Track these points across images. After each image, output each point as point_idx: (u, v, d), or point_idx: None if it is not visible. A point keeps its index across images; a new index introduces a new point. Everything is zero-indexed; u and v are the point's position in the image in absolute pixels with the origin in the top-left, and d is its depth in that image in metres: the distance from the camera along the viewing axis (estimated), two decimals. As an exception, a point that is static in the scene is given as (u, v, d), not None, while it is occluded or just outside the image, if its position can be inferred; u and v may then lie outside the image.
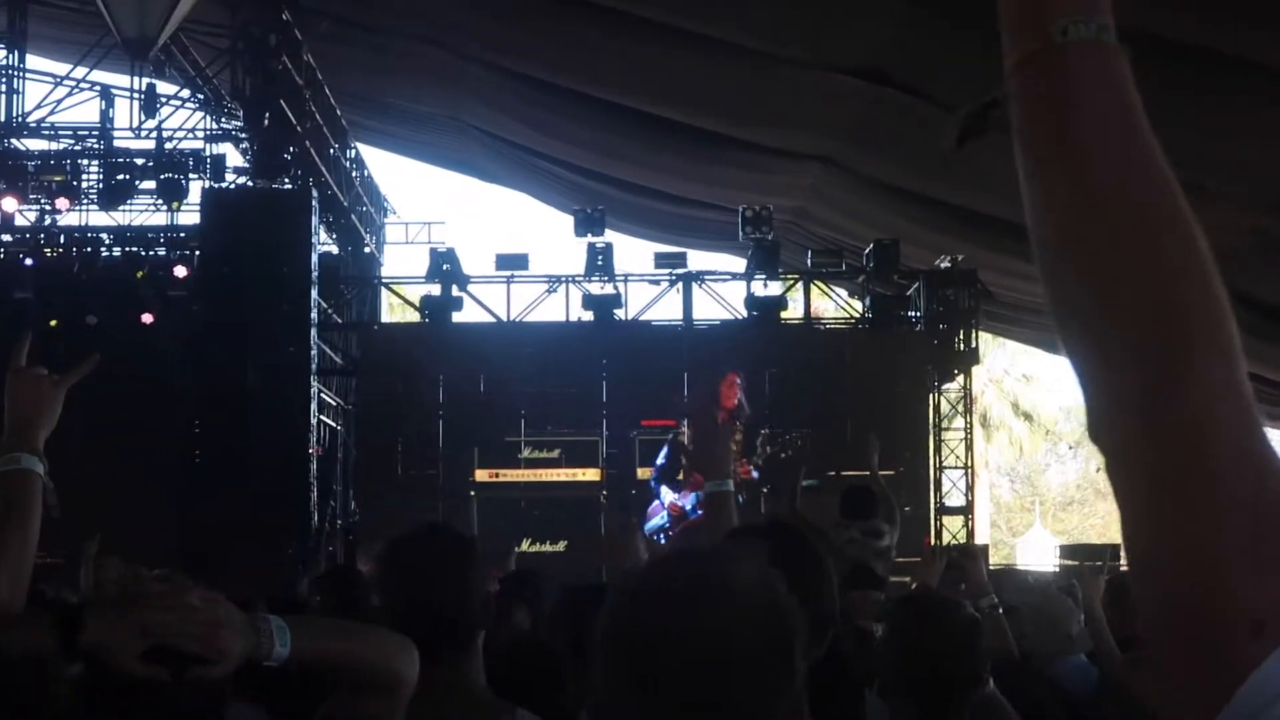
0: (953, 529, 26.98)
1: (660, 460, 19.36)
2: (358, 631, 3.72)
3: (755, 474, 21.09)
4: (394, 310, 32.52)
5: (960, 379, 27.65)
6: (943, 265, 26.37)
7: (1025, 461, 63.14)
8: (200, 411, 22.77)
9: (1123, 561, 22.94)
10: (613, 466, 25.95)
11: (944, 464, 27.26)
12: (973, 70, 18.26)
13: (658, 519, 16.65)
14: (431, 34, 23.36)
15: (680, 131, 24.01)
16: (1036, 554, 49.40)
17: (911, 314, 27.08)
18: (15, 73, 25.85)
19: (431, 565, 4.55)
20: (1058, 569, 30.58)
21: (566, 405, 26.11)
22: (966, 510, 27.32)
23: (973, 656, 4.82)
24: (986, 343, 45.99)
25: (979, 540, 30.24)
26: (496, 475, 25.81)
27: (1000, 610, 7.45)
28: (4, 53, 25.88)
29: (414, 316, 28.76)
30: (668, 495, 18.74)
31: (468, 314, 26.95)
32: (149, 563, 15.08)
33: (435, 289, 26.77)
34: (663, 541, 16.25)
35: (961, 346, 27.01)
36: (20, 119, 25.66)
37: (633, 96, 23.56)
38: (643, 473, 24.42)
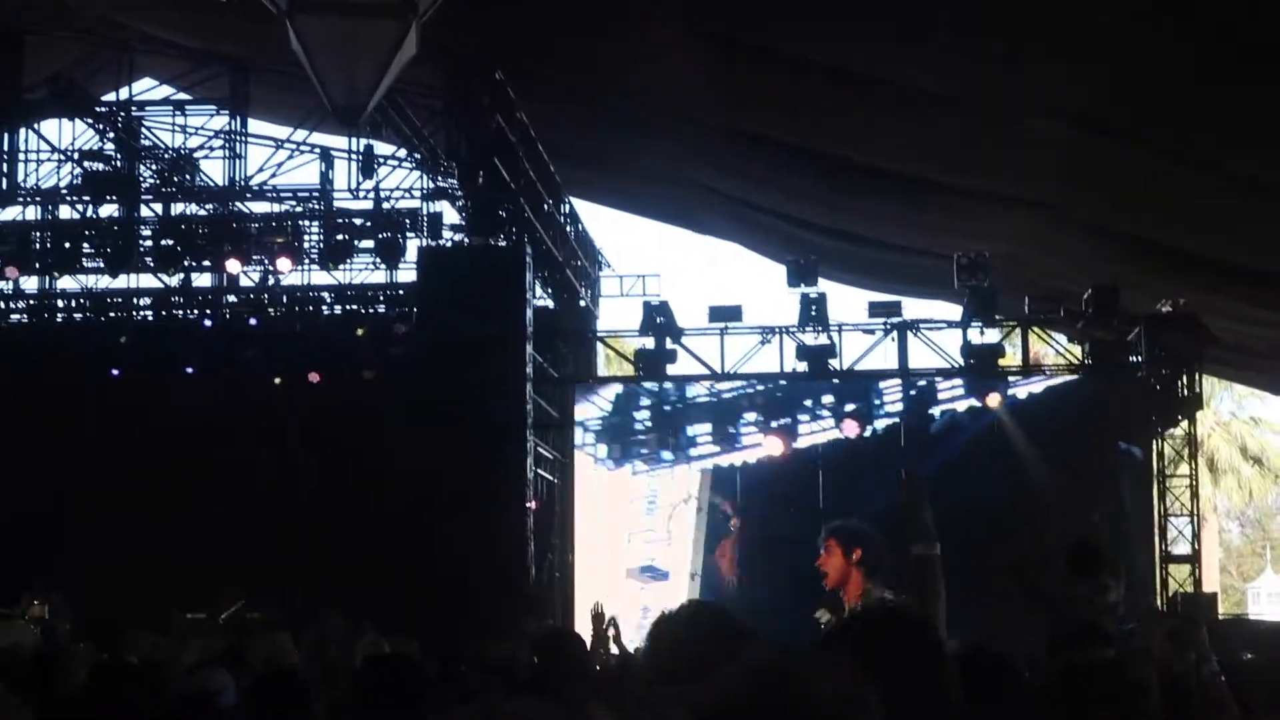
0: (1179, 577, 26.39)
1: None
2: None
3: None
4: (610, 363, 32.64)
5: (1184, 424, 27.12)
6: (1164, 309, 25.89)
7: (1255, 505, 61.66)
8: (420, 466, 23.01)
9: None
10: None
11: (1169, 511, 26.69)
12: (1184, 110, 18.05)
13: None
14: (649, 91, 23.49)
15: (895, 180, 23.88)
16: (1269, 601, 48.35)
17: (1133, 359, 26.60)
18: (238, 137, 26.45)
19: (695, 649, 4.39)
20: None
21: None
22: (1193, 559, 26.71)
23: None
24: (1212, 385, 45.11)
25: (1207, 588, 29.57)
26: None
27: (1222, 677, 7.26)
28: (226, 119, 26.48)
29: (629, 369, 28.85)
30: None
31: (682, 366, 26.98)
32: (376, 619, 15.30)
33: (649, 342, 26.84)
34: None
35: (1185, 392, 26.50)
36: (243, 182, 26.24)
37: (848, 148, 23.49)
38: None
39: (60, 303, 28.23)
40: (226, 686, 7.64)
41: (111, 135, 26.21)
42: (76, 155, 26.24)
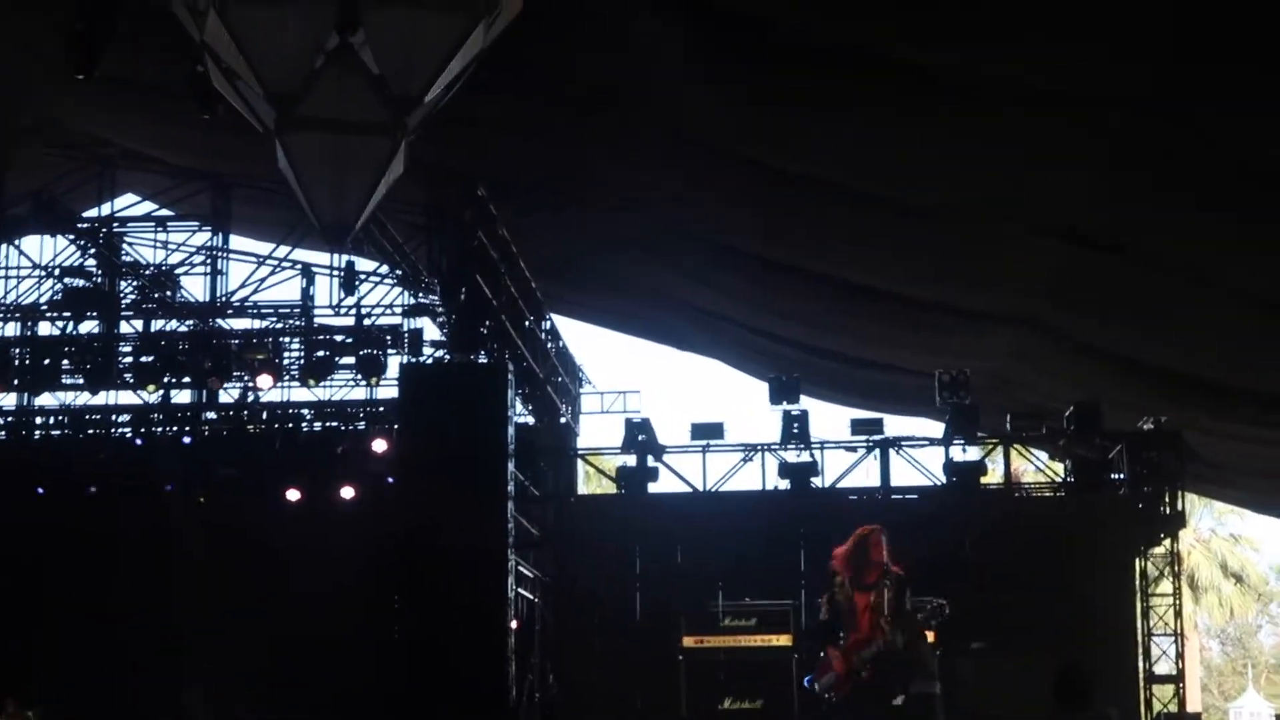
0: (1163, 698, 26.22)
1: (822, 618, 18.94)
2: None
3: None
4: (590, 480, 32.55)
5: (1166, 542, 27.04)
6: (1146, 427, 25.89)
7: (1235, 623, 61.55)
8: (400, 585, 22.84)
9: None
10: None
11: (1152, 630, 26.55)
12: (1176, 227, 18.07)
13: (828, 677, 16.28)
14: (628, 208, 23.53)
15: (878, 297, 23.93)
16: (1251, 720, 48.12)
17: (1115, 476, 26.53)
18: (219, 253, 26.44)
19: None
20: (1274, 739, 29.67)
21: (765, 574, 25.83)
22: (1177, 678, 26.55)
23: None
24: (1192, 502, 45.09)
25: (1191, 708, 29.38)
26: (701, 641, 25.47)
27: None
28: (208, 235, 26.48)
29: (610, 487, 28.76)
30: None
31: (664, 484, 26.89)
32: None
33: (631, 459, 26.78)
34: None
35: (1167, 510, 26.43)
36: (225, 298, 26.20)
37: (834, 266, 23.53)
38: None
39: (39, 419, 28.06)
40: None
41: (93, 251, 26.20)
42: (57, 271, 26.21)
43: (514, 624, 23.78)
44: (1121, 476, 26.41)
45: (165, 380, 25.83)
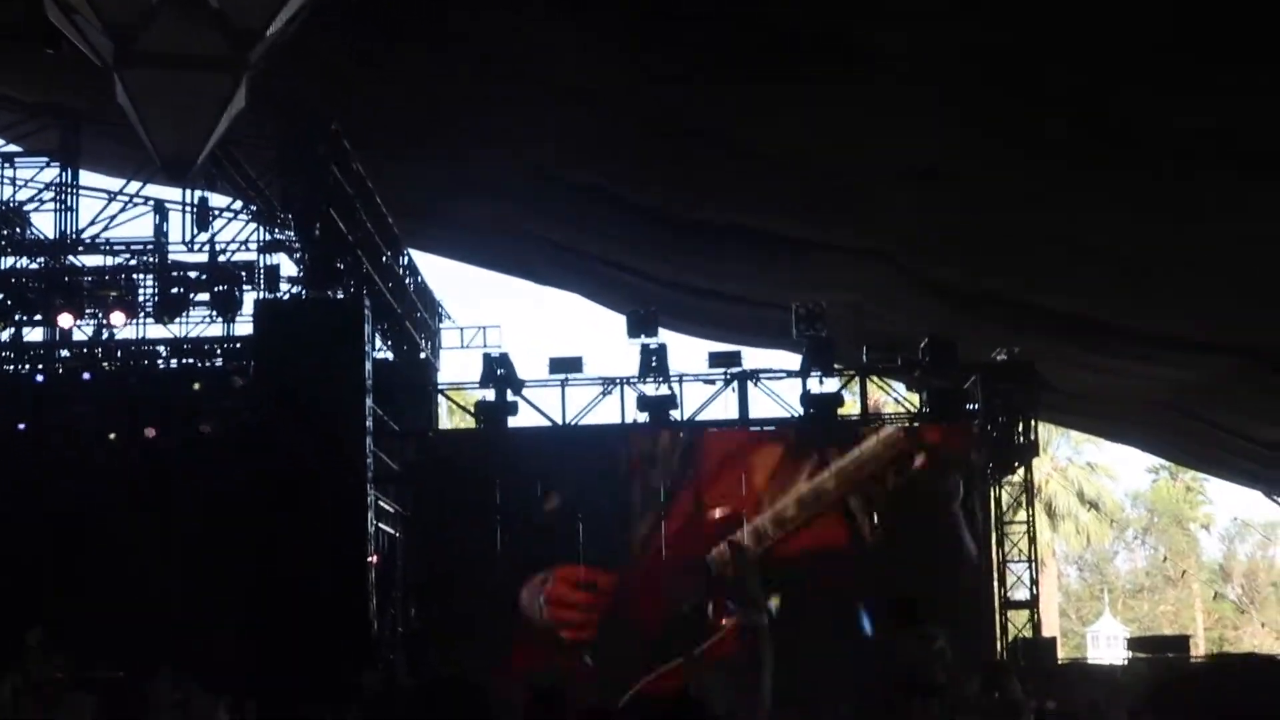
0: (1018, 623, 26.64)
1: None
2: None
3: None
4: (452, 414, 32.52)
5: (1021, 471, 27.42)
6: (999, 358, 26.18)
7: (1093, 550, 62.59)
8: (258, 520, 22.75)
9: (1191, 653, 22.50)
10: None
11: (1007, 557, 26.94)
12: (1026, 168, 18.36)
13: None
14: (488, 143, 23.45)
15: (737, 233, 24.03)
16: (1108, 644, 48.96)
17: (969, 406, 26.81)
18: (69, 190, 26.05)
19: None
20: (1126, 661, 30.25)
21: (623, 506, 26.01)
22: (1032, 604, 26.96)
23: None
24: (1049, 432, 45.75)
25: (1047, 632, 29.88)
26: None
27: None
28: (57, 171, 26.08)
29: (470, 421, 28.73)
30: None
31: (523, 418, 26.92)
32: (212, 675, 15.05)
33: (490, 394, 26.76)
34: None
35: (1021, 439, 26.79)
36: (75, 235, 25.82)
37: (691, 202, 23.59)
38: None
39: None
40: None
41: (-61, 188, 25.76)
42: (-97, 209, 25.76)
43: (374, 559, 23.75)
44: (976, 407, 26.68)
45: (16, 318, 25.45)
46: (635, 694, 20.35)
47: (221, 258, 25.08)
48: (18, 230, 26.09)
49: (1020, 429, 26.85)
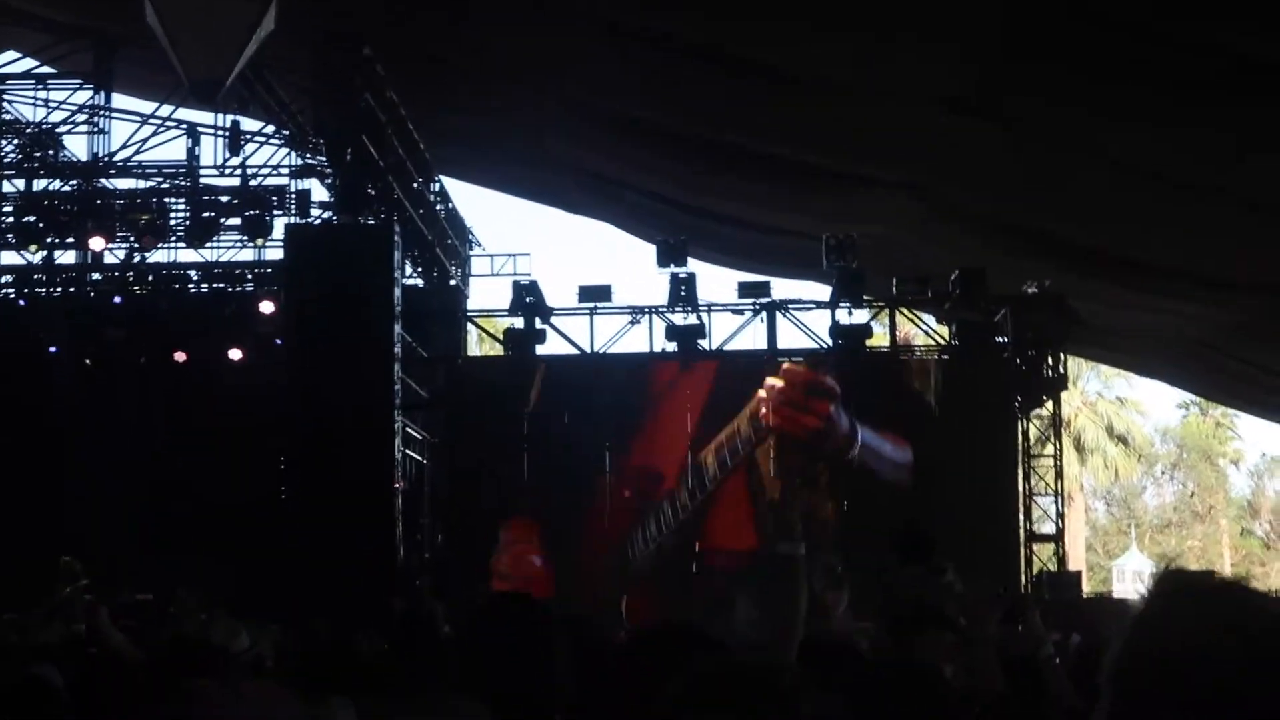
0: (1043, 556, 26.68)
1: None
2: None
3: None
4: (481, 342, 32.57)
5: (1049, 404, 27.39)
6: (1030, 291, 26.10)
7: (1121, 485, 62.60)
8: (286, 446, 22.88)
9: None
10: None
11: (1034, 490, 26.94)
12: (1060, 99, 18.27)
13: None
14: (519, 70, 23.41)
15: (769, 162, 23.98)
16: (1133, 579, 49.01)
17: (999, 339, 26.76)
18: (101, 113, 26.09)
19: (510, 648, 4.37)
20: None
21: (651, 436, 26.05)
22: (1057, 538, 27.00)
23: None
24: (1079, 366, 45.68)
25: (1073, 566, 29.91)
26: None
27: (1057, 659, 7.26)
28: (90, 93, 26.12)
29: (499, 349, 28.79)
30: None
31: (552, 346, 26.94)
32: (238, 599, 15.13)
33: (519, 321, 26.78)
34: None
35: (1050, 372, 26.73)
36: (107, 158, 25.89)
37: (724, 131, 23.54)
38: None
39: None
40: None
41: (-29, 109, 25.82)
42: (-64, 129, 25.82)
43: (401, 485, 23.84)
44: (1005, 340, 26.62)
45: (48, 240, 25.51)
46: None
47: (253, 182, 25.12)
48: (50, 152, 26.13)
49: (1049, 362, 26.78)
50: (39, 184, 26.04)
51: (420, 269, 28.14)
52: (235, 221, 25.17)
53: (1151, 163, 19.85)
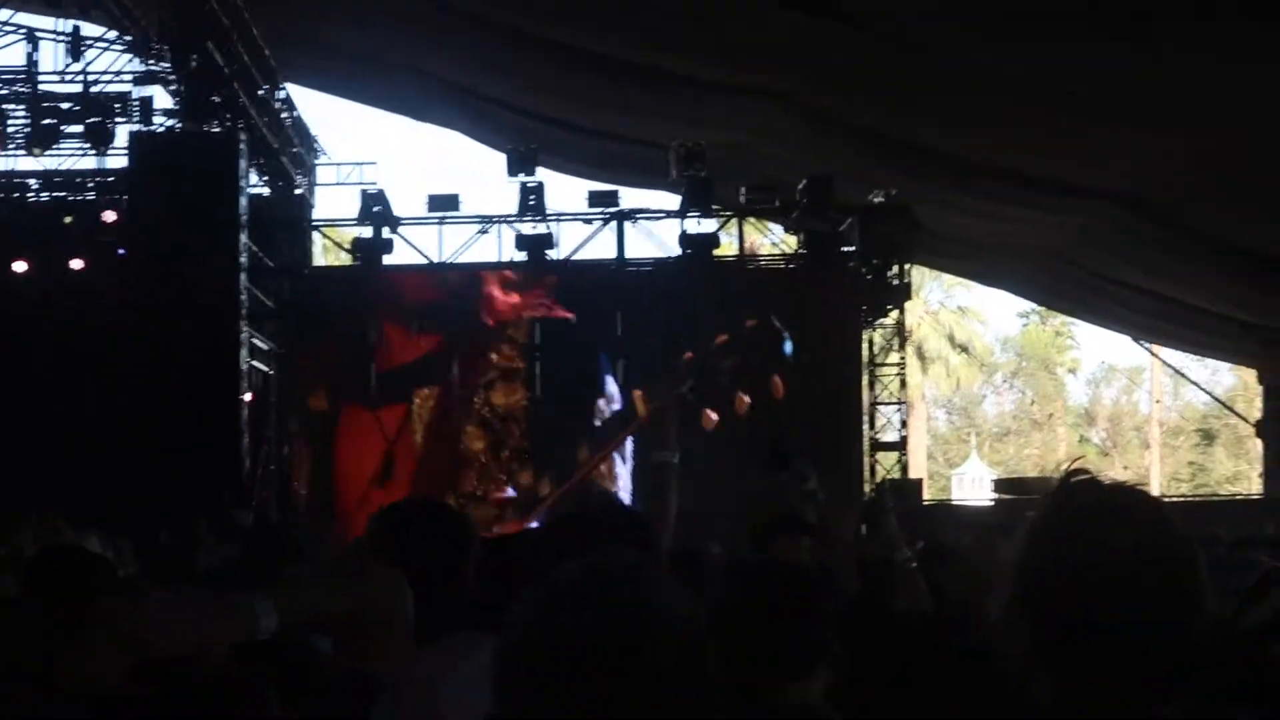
0: (886, 464, 27.00)
1: None
2: (341, 583, 3.65)
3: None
4: (327, 252, 32.35)
5: (894, 314, 27.64)
6: (876, 200, 26.26)
7: (961, 393, 63.49)
8: (131, 356, 22.62)
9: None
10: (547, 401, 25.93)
11: (878, 399, 27.24)
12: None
13: None
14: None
15: (619, 66, 23.94)
16: (973, 486, 49.76)
17: (846, 249, 26.91)
18: (-65, 16, 25.56)
19: (421, 551, 4.37)
20: (993, 502, 30.81)
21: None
22: (900, 445, 27.35)
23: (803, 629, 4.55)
24: (923, 276, 46.16)
25: (914, 474, 30.35)
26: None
27: (914, 564, 7.37)
28: (-78, -3, 25.59)
29: (346, 259, 28.60)
30: None
31: (399, 256, 26.78)
32: (80, 511, 14.94)
33: (366, 231, 26.57)
34: None
35: (895, 281, 26.93)
36: (-58, 63, 25.37)
37: (572, 33, 23.46)
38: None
39: None
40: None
41: None
42: None
43: (248, 396, 23.70)
44: (852, 249, 26.78)
45: (-119, 147, 25.00)
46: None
47: (95, 89, 24.71)
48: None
49: (894, 272, 26.97)
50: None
51: (266, 178, 27.86)
52: (77, 129, 24.73)
53: (1003, 69, 20.03)
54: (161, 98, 24.70)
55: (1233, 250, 24.15)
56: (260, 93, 26.01)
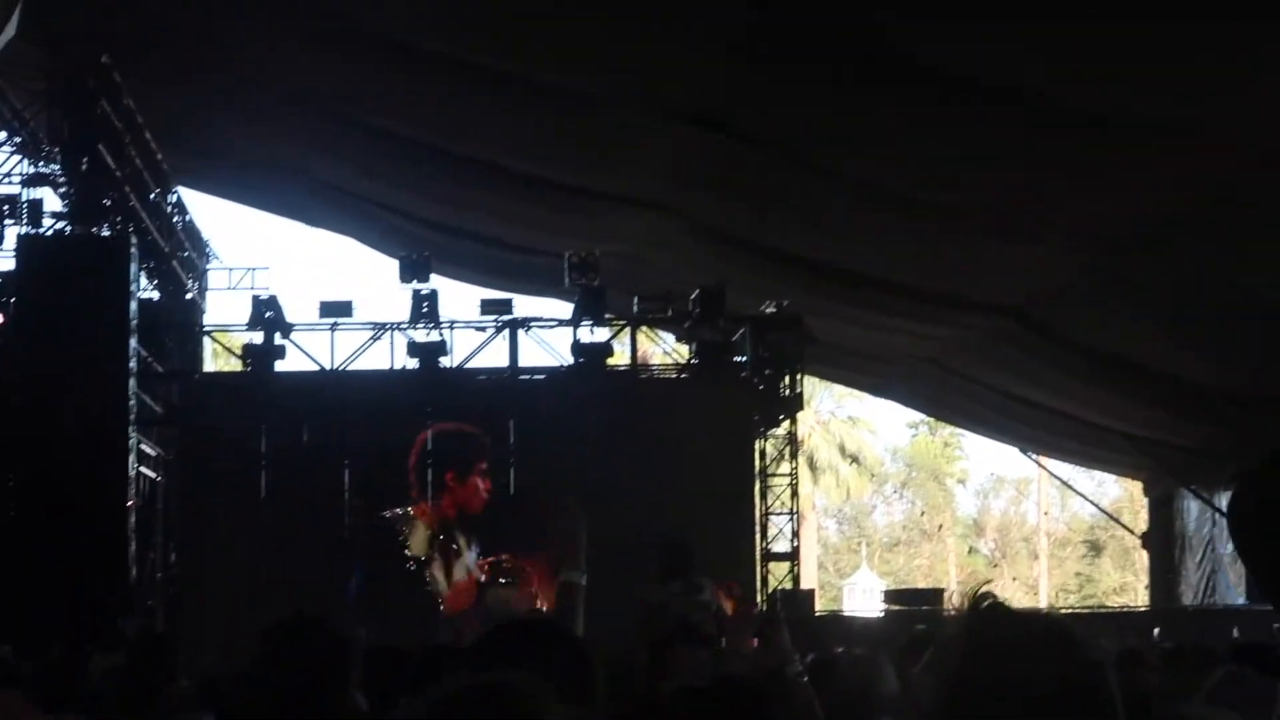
0: (779, 575, 26.98)
1: None
2: None
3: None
4: (218, 357, 32.11)
5: (786, 423, 27.72)
6: (768, 310, 26.39)
7: (852, 503, 63.73)
8: (15, 462, 22.29)
9: (946, 606, 22.91)
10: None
11: (770, 509, 27.26)
12: (807, 115, 18.51)
13: None
14: (261, 78, 23.17)
15: (510, 177, 24.01)
16: (864, 597, 49.84)
17: (738, 359, 27.00)
18: None
19: (302, 680, 4.30)
20: (882, 613, 30.84)
21: (391, 454, 25.82)
22: (792, 556, 27.35)
23: None
24: (813, 385, 46.37)
25: (805, 584, 30.33)
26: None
27: (805, 677, 7.35)
28: None
29: (237, 365, 28.38)
30: None
31: (291, 362, 26.59)
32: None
33: (258, 337, 26.39)
34: None
35: (787, 391, 27.05)
36: None
37: (465, 144, 23.53)
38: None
39: None
40: None
41: None
42: None
43: (134, 502, 23.40)
44: (744, 359, 26.87)
45: None
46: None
47: (-18, 190, 24.48)
48: None
49: (786, 381, 27.09)
50: None
51: (156, 282, 27.62)
52: (-36, 230, 24.47)
53: (885, 183, 20.25)
54: (51, 200, 24.49)
55: (1114, 363, 24.39)
56: (152, 196, 25.86)
